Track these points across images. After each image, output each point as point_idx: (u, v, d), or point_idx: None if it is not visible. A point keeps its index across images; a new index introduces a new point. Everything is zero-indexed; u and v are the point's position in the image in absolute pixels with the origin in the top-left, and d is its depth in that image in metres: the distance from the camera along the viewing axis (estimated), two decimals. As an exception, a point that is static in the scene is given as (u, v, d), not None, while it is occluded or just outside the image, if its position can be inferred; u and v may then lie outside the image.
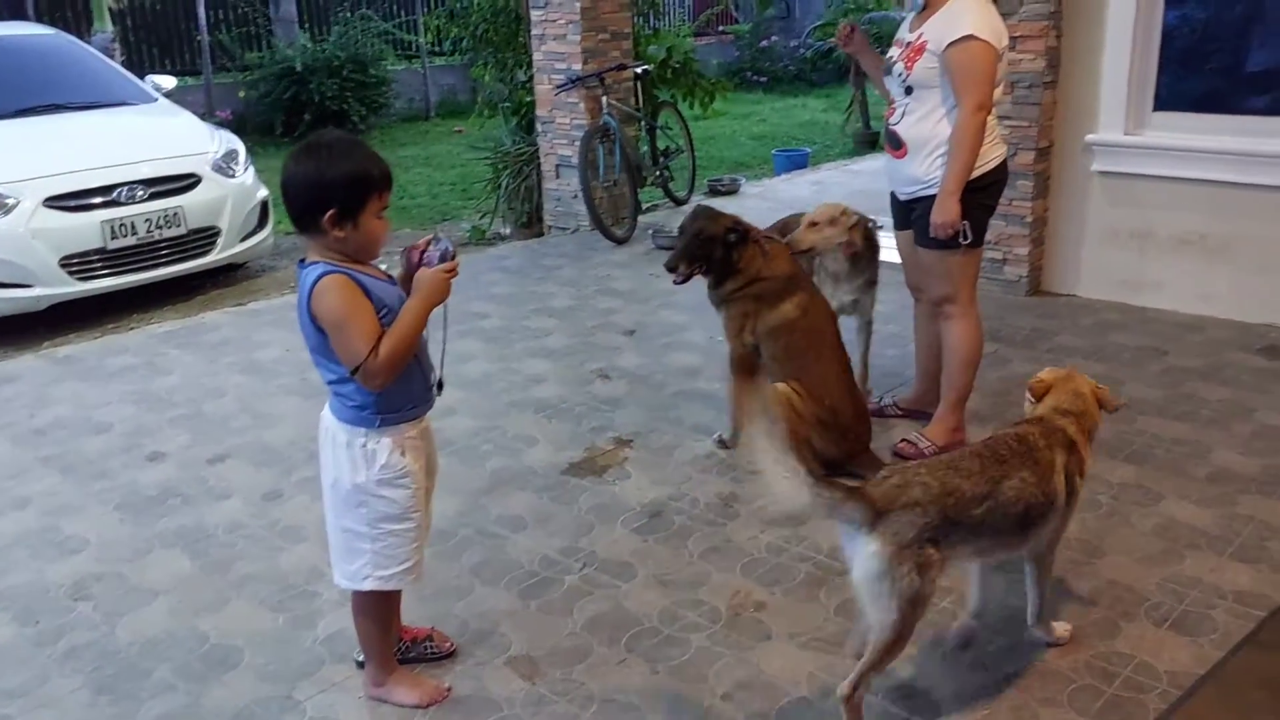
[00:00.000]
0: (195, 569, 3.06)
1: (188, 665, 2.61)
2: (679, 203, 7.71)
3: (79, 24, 11.30)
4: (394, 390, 2.19)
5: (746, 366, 3.54)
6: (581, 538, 3.14)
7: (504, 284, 5.86)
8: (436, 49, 12.69)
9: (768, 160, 9.87)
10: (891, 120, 3.44)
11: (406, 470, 2.25)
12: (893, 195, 3.62)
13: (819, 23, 13.13)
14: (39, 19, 11.02)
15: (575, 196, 6.92)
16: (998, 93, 3.31)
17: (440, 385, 2.35)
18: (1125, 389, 4.02)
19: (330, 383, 2.23)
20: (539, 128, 7.19)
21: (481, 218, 7.68)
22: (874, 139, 10.54)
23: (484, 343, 4.86)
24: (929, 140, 3.32)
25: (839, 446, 3.36)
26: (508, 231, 7.56)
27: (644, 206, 7.28)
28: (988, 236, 4.39)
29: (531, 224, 7.49)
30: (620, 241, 6.64)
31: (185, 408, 4.24)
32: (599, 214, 6.60)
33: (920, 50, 3.28)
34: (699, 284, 3.64)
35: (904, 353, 4.28)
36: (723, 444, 3.68)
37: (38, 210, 5.39)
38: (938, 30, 3.24)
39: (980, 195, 3.36)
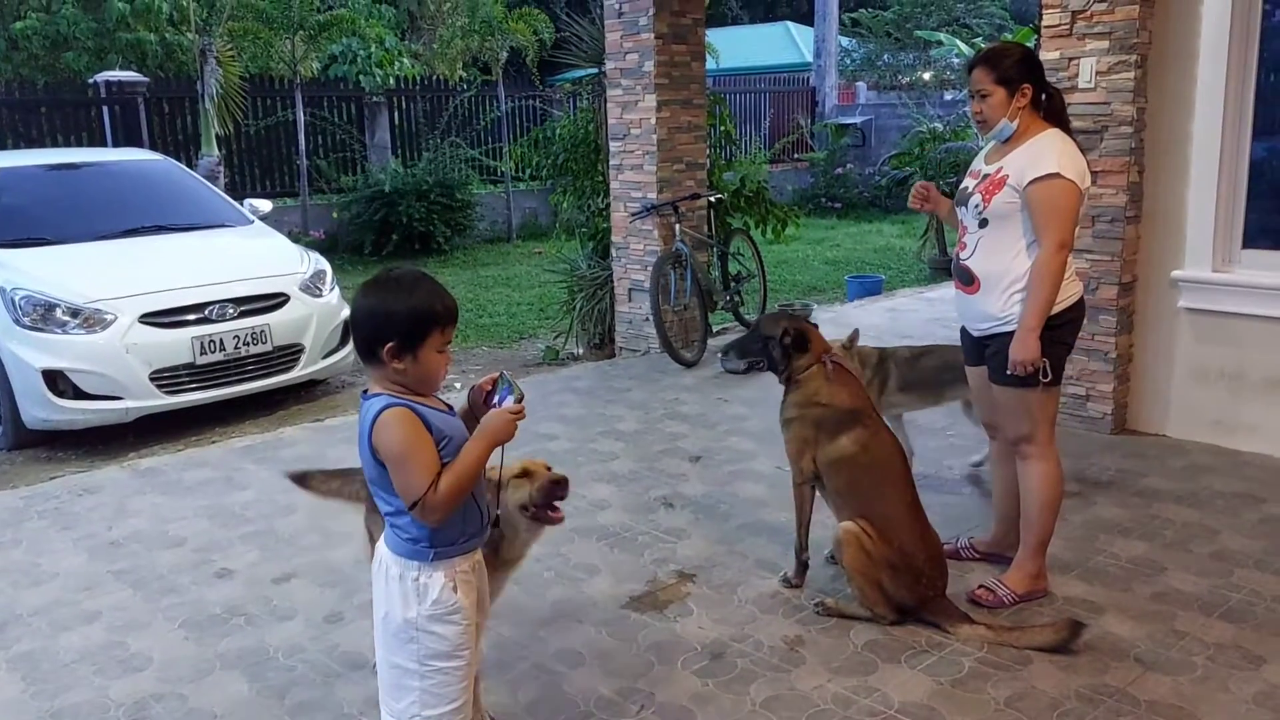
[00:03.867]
0: (252, 693, 3.02)
1: (235, 798, 2.56)
2: (748, 326, 7.74)
3: (189, 148, 12.05)
4: (449, 524, 2.16)
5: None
6: (640, 678, 3.04)
7: (574, 405, 5.89)
8: (519, 175, 13.18)
9: (841, 285, 9.89)
10: (963, 255, 3.40)
11: (457, 606, 2.21)
12: (964, 330, 3.56)
13: (894, 152, 13.33)
14: (152, 143, 11.81)
15: (646, 320, 7.00)
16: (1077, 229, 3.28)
17: (497, 520, 2.34)
18: (1220, 538, 3.82)
19: (387, 514, 2.21)
20: (614, 253, 7.34)
21: (556, 338, 7.82)
22: (949, 266, 10.53)
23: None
24: (1004, 275, 3.27)
25: (912, 592, 3.22)
26: (580, 352, 7.68)
27: (714, 330, 7.33)
28: (1069, 371, 4.29)
29: (604, 345, 7.59)
30: (689, 364, 6.66)
31: (257, 524, 4.29)
32: (669, 337, 6.66)
33: (1000, 184, 3.26)
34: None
35: (981, 491, 4.14)
36: (788, 583, 3.56)
37: (133, 326, 5.62)
38: (1020, 165, 3.23)
39: (1059, 332, 3.28)
